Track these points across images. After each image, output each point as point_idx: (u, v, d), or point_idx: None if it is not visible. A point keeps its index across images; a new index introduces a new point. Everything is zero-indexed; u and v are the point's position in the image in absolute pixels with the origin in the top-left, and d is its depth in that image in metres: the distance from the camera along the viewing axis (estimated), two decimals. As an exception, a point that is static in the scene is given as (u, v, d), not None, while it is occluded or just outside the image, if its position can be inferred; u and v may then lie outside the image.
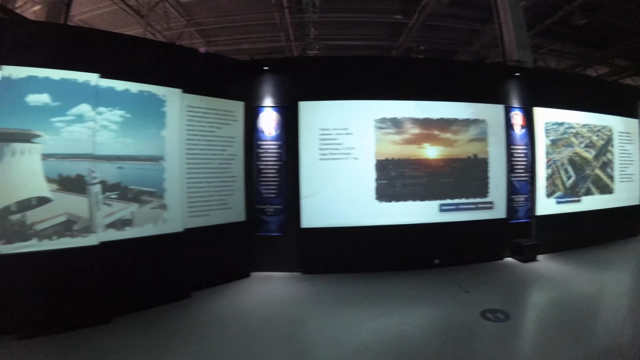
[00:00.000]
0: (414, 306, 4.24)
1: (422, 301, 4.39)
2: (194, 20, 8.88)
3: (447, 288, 4.77)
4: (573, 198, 6.43)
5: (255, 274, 5.39)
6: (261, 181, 5.50)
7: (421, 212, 5.48)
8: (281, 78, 5.57)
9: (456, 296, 4.49)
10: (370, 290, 4.74)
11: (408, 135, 5.47)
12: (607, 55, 11.01)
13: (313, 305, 4.35)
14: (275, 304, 4.33)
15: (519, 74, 6.01)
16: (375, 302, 4.37)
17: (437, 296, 4.52)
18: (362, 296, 4.55)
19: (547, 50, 11.30)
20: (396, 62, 6.00)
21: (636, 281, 5.14)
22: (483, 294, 4.51)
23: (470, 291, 4.64)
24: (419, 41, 9.12)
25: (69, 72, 3.90)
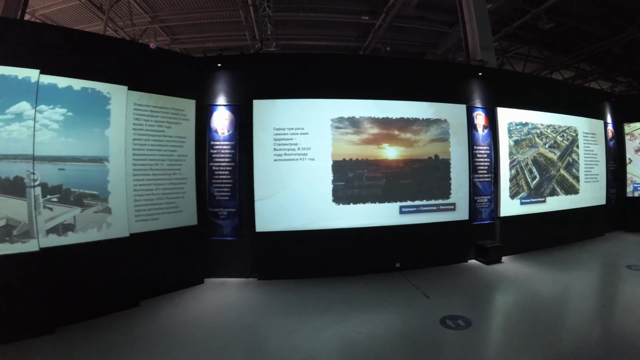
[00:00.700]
0: (370, 313, 3.95)
1: (380, 307, 4.10)
2: (158, 17, 8.42)
3: (407, 293, 4.49)
4: (538, 199, 6.16)
5: (210, 280, 5.03)
6: (214, 183, 5.14)
7: (380, 215, 5.15)
8: (235, 75, 5.21)
9: (416, 301, 4.22)
10: (327, 296, 4.43)
11: (367, 135, 5.13)
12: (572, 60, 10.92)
13: (266, 313, 4.04)
14: (226, 312, 4.02)
15: (482, 74, 5.70)
16: (331, 308, 4.07)
17: (396, 302, 4.24)
18: (318, 302, 4.24)
19: (513, 54, 11.17)
20: (355, 60, 5.68)
21: (601, 281, 4.99)
22: (444, 299, 4.25)
23: (431, 296, 4.36)
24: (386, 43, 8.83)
25: (8, 67, 3.53)
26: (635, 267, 5.21)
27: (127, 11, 7.81)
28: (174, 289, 4.66)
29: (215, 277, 5.06)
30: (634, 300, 4.05)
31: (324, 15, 8.40)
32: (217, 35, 9.20)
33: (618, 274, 5.08)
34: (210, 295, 4.56)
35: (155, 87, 4.57)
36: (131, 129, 4.37)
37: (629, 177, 7.54)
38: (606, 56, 10.76)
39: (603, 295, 4.40)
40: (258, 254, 5.04)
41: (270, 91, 5.10)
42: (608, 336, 3.33)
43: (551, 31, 9.84)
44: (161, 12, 8.32)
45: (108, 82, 4.15)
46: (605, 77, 11.93)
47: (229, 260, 5.07)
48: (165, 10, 8.22)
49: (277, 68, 5.33)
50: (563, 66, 11.50)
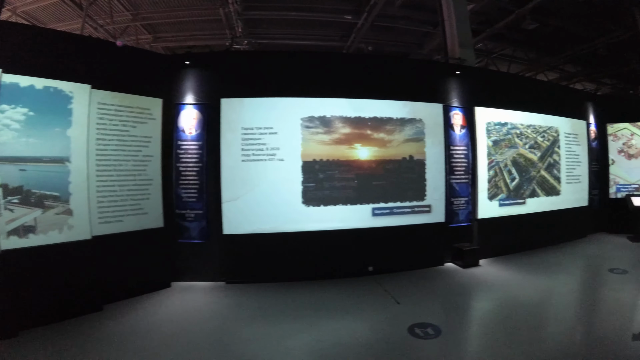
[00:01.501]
0: (337, 320, 3.66)
1: (348, 314, 3.79)
2: (140, 15, 8.02)
3: (377, 298, 4.19)
4: (517, 200, 5.82)
5: (177, 284, 4.70)
6: (181, 184, 4.81)
7: (352, 217, 4.81)
8: (204, 74, 4.90)
9: (386, 308, 3.91)
10: (296, 301, 4.13)
11: (338, 135, 4.78)
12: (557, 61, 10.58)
13: (231, 319, 3.75)
14: (190, 318, 3.76)
15: (459, 72, 5.34)
16: (298, 315, 3.78)
17: (365, 308, 3.93)
18: (285, 308, 3.96)
19: (498, 55, 10.80)
20: (327, 58, 5.33)
21: (583, 286, 4.71)
22: (416, 305, 3.94)
23: (403, 302, 4.05)
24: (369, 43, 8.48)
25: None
26: (617, 271, 4.92)
27: (108, 9, 7.41)
28: (140, 293, 4.37)
29: (183, 281, 4.74)
30: (616, 307, 3.79)
31: (307, 15, 8.04)
32: (200, 33, 8.82)
33: (600, 278, 4.81)
34: (176, 299, 4.27)
35: (120, 85, 4.29)
36: (94, 128, 4.09)
37: (612, 178, 7.21)
38: (591, 58, 10.43)
39: (584, 301, 4.10)
40: (226, 257, 4.74)
41: (239, 90, 4.79)
42: (588, 346, 3.04)
43: (536, 32, 9.51)
44: (143, 9, 7.93)
45: (71, 81, 3.91)
46: (590, 78, 11.60)
47: (196, 264, 4.76)
48: (147, 7, 7.84)
49: (246, 66, 5.01)
50: (548, 68, 11.16)
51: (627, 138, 7.11)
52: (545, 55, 10.57)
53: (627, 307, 3.78)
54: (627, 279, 4.60)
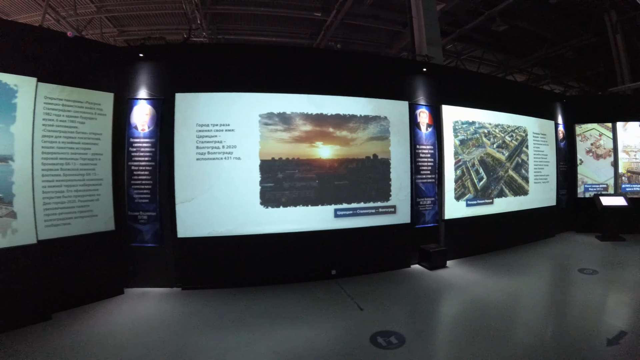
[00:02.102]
0: (294, 328, 3.35)
1: (306, 322, 3.47)
2: (105, 7, 7.51)
3: (340, 304, 3.88)
4: (485, 200, 5.58)
5: (131, 290, 4.33)
6: (133, 184, 4.40)
7: (313, 218, 4.48)
8: (159, 67, 4.50)
9: (348, 314, 3.61)
10: (253, 308, 3.81)
11: (298, 132, 4.44)
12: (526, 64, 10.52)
13: (183, 328, 3.40)
14: (141, 327, 3.44)
15: (426, 69, 5.07)
16: (254, 323, 3.48)
17: (325, 315, 3.62)
18: (242, 316, 3.63)
19: (468, 57, 10.68)
20: (288, 53, 4.99)
21: (552, 287, 4.48)
22: (379, 311, 3.66)
23: (366, 307, 3.76)
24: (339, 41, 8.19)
25: None
26: (587, 271, 4.76)
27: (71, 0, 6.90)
28: (91, 300, 4.01)
29: (137, 287, 4.36)
30: (587, 309, 3.59)
31: (275, 11, 7.70)
32: (165, 27, 8.38)
33: (570, 279, 4.62)
34: (128, 307, 3.90)
35: (69, 78, 3.92)
36: (40, 125, 3.72)
37: (580, 178, 7.07)
38: (559, 61, 10.40)
39: (554, 304, 3.86)
40: (181, 261, 4.36)
41: (195, 84, 4.42)
42: (560, 353, 2.79)
43: (505, 35, 9.41)
44: (108, 1, 7.43)
45: (15, 74, 3.53)
46: (557, 81, 11.59)
47: (151, 269, 4.38)
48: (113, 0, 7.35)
49: (203, 59, 4.64)
50: (516, 70, 11.10)
51: (595, 138, 6.99)
52: (514, 57, 10.50)
53: (599, 310, 3.60)
54: (598, 280, 4.44)
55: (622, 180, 6.82)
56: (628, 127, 6.86)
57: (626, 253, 5.63)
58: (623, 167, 6.84)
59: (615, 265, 5.00)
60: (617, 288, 4.19)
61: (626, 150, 6.84)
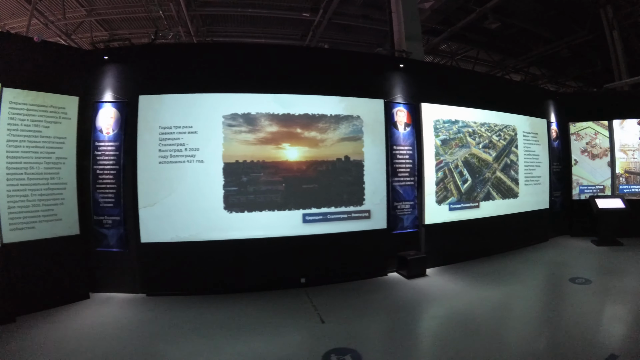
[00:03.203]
0: (248, 341, 3.00)
1: (262, 334, 3.10)
2: (95, 11, 7.22)
3: (302, 315, 3.47)
4: (470, 204, 5.04)
5: (96, 295, 4.08)
6: (98, 188, 4.14)
7: (280, 224, 4.06)
8: (124, 69, 4.23)
9: (308, 327, 3.21)
10: (211, 317, 3.48)
11: (264, 134, 4.03)
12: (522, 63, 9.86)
13: (138, 336, 3.14)
14: (99, 333, 3.21)
15: (404, 65, 4.57)
16: (207, 334, 3.16)
17: (284, 327, 3.24)
18: (198, 325, 3.32)
19: (462, 57, 10.05)
20: (254, 51, 4.58)
21: (539, 300, 3.89)
22: (342, 325, 3.22)
23: (328, 320, 3.33)
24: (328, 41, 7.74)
25: None
26: (579, 281, 4.20)
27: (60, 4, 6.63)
28: (56, 304, 3.79)
29: (103, 292, 4.11)
30: (575, 326, 3.06)
31: (264, 11, 7.31)
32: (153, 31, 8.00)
33: (560, 290, 4.07)
34: (91, 312, 3.66)
35: (34, 83, 3.75)
36: (5, 129, 3.58)
37: (575, 179, 6.42)
38: (555, 60, 9.71)
39: (539, 320, 3.34)
40: (145, 267, 4.06)
41: (159, 86, 4.11)
42: None
43: (500, 34, 8.82)
44: (98, 5, 7.15)
45: None
46: (554, 81, 10.86)
47: (116, 274, 4.11)
48: (102, 3, 7.06)
49: (167, 60, 4.36)
50: (513, 70, 10.41)
51: (590, 137, 6.34)
52: (509, 57, 9.83)
53: (589, 327, 3.05)
54: (590, 291, 3.89)
55: (619, 181, 6.16)
56: (625, 124, 6.19)
57: (623, 259, 5.01)
58: (620, 167, 6.17)
59: (611, 273, 4.43)
60: (610, 300, 3.66)
61: (623, 150, 6.17)
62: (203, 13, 7.32)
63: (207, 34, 8.06)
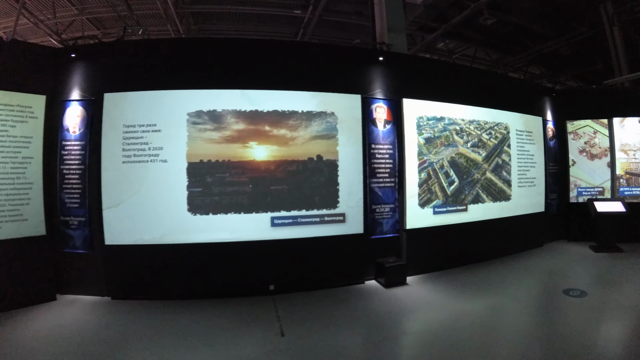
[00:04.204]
0: (196, 353, 2.69)
1: (212, 347, 2.79)
2: (86, 9, 6.94)
3: (262, 326, 3.10)
4: (457, 207, 4.56)
5: (64, 296, 3.85)
6: (65, 188, 3.90)
7: (247, 227, 3.69)
8: (91, 66, 3.96)
9: (264, 341, 2.84)
10: (167, 324, 3.21)
11: (230, 132, 3.66)
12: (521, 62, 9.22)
13: (89, 341, 2.90)
14: (57, 335, 3.00)
15: (383, 58, 4.11)
16: (158, 342, 2.88)
17: (239, 339, 2.89)
18: (151, 333, 3.04)
19: (460, 55, 9.45)
20: (219, 45, 4.21)
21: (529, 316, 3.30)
22: (302, 340, 2.85)
23: (289, 333, 2.96)
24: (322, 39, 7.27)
25: None
26: (574, 293, 3.70)
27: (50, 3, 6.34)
28: (21, 305, 3.60)
29: (71, 294, 3.87)
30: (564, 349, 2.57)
31: (255, 9, 6.93)
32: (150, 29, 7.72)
33: (551, 304, 3.52)
34: (54, 314, 3.44)
35: (1, 82, 3.59)
36: None
37: (573, 181, 5.83)
38: (554, 58, 9.06)
39: (526, 338, 2.84)
40: (110, 270, 3.78)
41: (124, 83, 3.83)
42: None
43: (497, 31, 8.21)
44: (89, 3, 6.89)
45: None
46: (554, 80, 10.17)
47: (82, 276, 3.87)
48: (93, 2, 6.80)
49: (133, 57, 4.03)
50: (511, 69, 9.76)
51: (589, 136, 5.74)
52: (507, 55, 9.20)
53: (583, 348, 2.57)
54: (585, 305, 3.38)
55: (619, 183, 5.55)
56: (626, 123, 5.58)
57: (622, 267, 4.47)
58: (621, 168, 5.57)
59: (609, 284, 3.92)
60: (606, 317, 3.17)
61: (624, 149, 5.56)
62: (193, 10, 6.99)
63: (199, 33, 7.75)
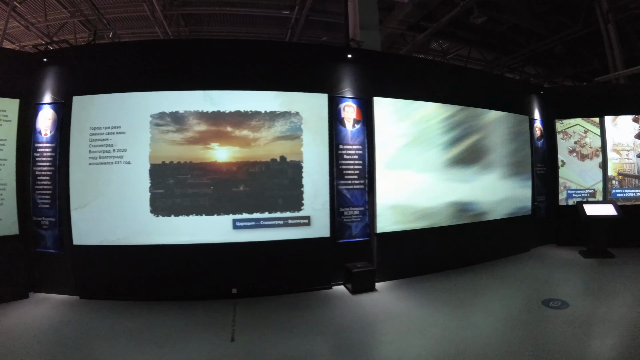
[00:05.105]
0: (144, 355, 2.59)
1: (161, 347, 2.69)
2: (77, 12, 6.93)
3: (213, 331, 2.95)
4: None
5: (36, 295, 3.83)
6: (37, 189, 3.90)
7: (209, 230, 3.54)
8: (62, 70, 3.93)
9: (212, 346, 2.70)
10: (124, 325, 3.08)
11: (192, 133, 3.51)
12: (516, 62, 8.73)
13: (46, 340, 2.84)
14: (18, 334, 2.92)
15: (352, 56, 3.87)
16: (109, 343, 2.78)
17: (187, 344, 2.76)
18: (106, 333, 2.95)
19: (454, 56, 9.01)
20: (183, 46, 4.09)
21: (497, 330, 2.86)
22: (251, 345, 2.70)
23: (240, 339, 2.80)
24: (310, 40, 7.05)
25: None
26: (554, 304, 3.30)
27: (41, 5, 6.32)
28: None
29: (43, 292, 3.85)
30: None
31: (242, 10, 6.77)
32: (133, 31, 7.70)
33: (528, 315, 3.09)
34: (24, 311, 3.39)
35: None
36: None
37: (562, 182, 5.39)
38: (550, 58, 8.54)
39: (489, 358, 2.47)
40: (78, 269, 3.73)
41: (92, 86, 3.78)
42: None
43: (491, 31, 7.79)
44: (82, 6, 6.84)
45: None
46: (550, 80, 9.55)
47: (53, 275, 3.85)
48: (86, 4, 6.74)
49: (101, 60, 3.96)
50: (507, 69, 9.24)
51: (579, 136, 5.29)
52: (502, 55, 8.71)
53: None
54: (565, 318, 2.97)
55: (612, 185, 5.08)
56: (618, 121, 5.11)
57: (611, 275, 4.07)
58: (613, 169, 5.10)
59: (594, 294, 3.56)
60: (586, 332, 2.73)
61: (617, 149, 5.09)
62: (180, 12, 6.91)
63: (190, 35, 7.69)
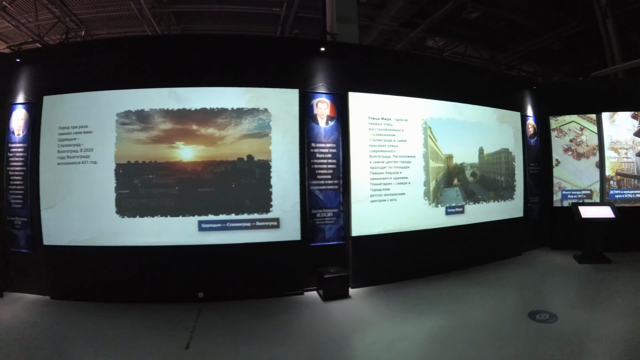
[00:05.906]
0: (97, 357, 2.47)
1: (116, 351, 2.54)
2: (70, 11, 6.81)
3: (170, 335, 2.77)
4: (413, 211, 3.88)
5: (11, 294, 3.74)
6: (10, 189, 3.80)
7: (174, 231, 3.37)
8: (35, 70, 3.81)
9: (163, 352, 2.54)
10: (83, 327, 2.94)
11: (157, 132, 3.35)
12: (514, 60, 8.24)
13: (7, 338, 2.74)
14: None
15: (325, 49, 3.60)
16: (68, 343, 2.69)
17: (138, 348, 2.60)
18: (66, 333, 2.84)
19: (450, 53, 8.57)
20: (148, 43, 3.92)
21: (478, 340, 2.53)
22: (205, 354, 2.50)
23: (195, 346, 2.61)
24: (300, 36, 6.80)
25: None
26: (541, 316, 2.89)
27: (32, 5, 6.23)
28: None
29: (18, 292, 3.75)
30: None
31: (234, 7, 6.58)
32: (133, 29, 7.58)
33: (511, 330, 2.71)
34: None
35: None
36: None
37: (557, 183, 4.96)
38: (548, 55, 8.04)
39: None
40: (48, 269, 3.62)
41: (62, 85, 3.64)
42: None
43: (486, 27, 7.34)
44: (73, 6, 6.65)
45: None
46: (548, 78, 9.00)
47: (26, 275, 3.74)
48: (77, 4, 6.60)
49: (71, 59, 3.83)
50: (505, 67, 8.74)
51: (575, 133, 4.85)
52: (498, 52, 8.24)
53: None
54: (551, 333, 2.59)
55: (609, 185, 4.62)
56: (616, 118, 4.65)
57: (607, 283, 3.67)
58: (611, 169, 4.64)
59: (586, 305, 3.19)
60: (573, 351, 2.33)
61: (614, 148, 4.63)
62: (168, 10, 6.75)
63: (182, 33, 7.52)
